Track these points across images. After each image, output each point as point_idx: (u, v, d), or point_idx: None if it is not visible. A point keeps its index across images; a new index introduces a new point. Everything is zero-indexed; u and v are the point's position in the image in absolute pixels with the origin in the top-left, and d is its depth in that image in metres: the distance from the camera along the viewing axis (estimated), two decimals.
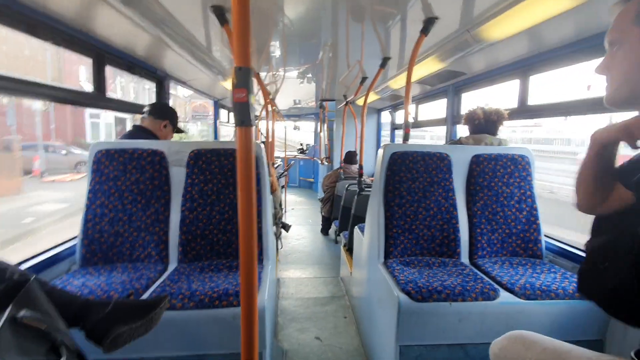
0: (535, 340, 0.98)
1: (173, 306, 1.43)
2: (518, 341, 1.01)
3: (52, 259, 1.72)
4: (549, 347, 0.94)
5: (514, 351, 0.99)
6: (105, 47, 2.05)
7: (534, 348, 0.96)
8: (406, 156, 2.00)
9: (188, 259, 1.87)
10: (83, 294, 1.44)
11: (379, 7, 1.82)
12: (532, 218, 1.97)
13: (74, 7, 1.59)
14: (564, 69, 1.98)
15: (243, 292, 0.83)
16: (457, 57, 2.22)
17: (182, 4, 1.75)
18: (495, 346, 1.07)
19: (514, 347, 1.00)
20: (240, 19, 0.71)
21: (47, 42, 1.63)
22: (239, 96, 0.71)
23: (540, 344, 0.96)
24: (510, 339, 1.03)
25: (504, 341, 1.05)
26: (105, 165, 1.85)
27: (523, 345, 0.99)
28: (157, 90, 2.86)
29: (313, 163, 9.28)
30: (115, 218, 1.84)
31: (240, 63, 0.71)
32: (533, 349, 0.96)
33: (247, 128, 0.75)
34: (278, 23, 2.12)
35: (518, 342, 1.01)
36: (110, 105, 2.27)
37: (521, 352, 0.97)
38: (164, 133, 2.19)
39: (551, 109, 2.04)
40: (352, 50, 2.81)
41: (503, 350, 1.03)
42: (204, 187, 1.90)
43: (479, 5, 1.69)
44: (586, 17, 1.55)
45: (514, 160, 2.01)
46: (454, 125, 3.14)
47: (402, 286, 1.61)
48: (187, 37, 2.21)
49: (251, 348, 0.86)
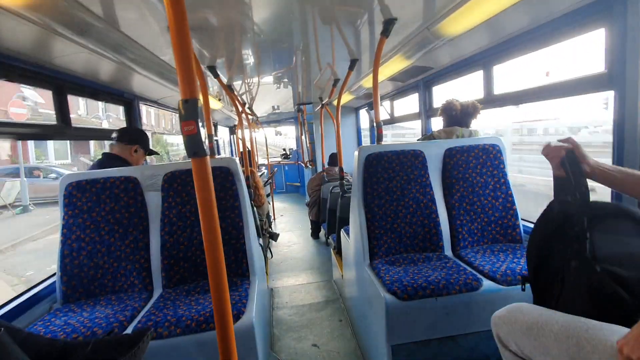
0: (533, 309, 1.07)
1: (159, 335, 1.41)
2: (517, 310, 1.10)
3: (31, 300, 1.67)
4: (545, 313, 1.02)
5: (513, 318, 1.09)
6: (65, 77, 2.00)
7: (531, 313, 1.05)
8: (381, 157, 2.03)
9: (173, 284, 1.84)
10: (66, 333, 1.41)
11: (343, 8, 1.84)
12: (508, 204, 2.02)
13: (26, 41, 1.55)
14: (525, 57, 2.04)
15: (217, 319, 0.82)
16: (421, 53, 2.25)
17: (138, 27, 1.73)
18: (496, 316, 1.15)
19: (513, 315, 1.09)
20: (181, 48, 0.70)
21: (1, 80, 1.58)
22: (188, 129, 0.71)
23: (537, 311, 1.05)
24: (509, 310, 1.13)
25: (504, 311, 1.14)
26: (77, 198, 1.81)
27: (521, 312, 1.08)
28: (127, 112, 2.81)
29: (298, 167, 9.27)
30: (93, 251, 1.80)
31: (186, 95, 0.71)
32: (530, 314, 1.04)
33: (202, 158, 0.75)
34: (248, 32, 2.11)
35: (517, 310, 1.10)
36: (77, 134, 2.22)
37: (519, 317, 1.06)
38: (135, 158, 2.14)
39: (515, 97, 2.09)
40: (322, 54, 2.83)
41: (502, 318, 1.12)
42: (181, 209, 1.88)
43: (436, 2, 1.72)
44: (540, 4, 1.60)
45: (486, 150, 2.05)
46: (428, 119, 3.19)
47: (387, 287, 1.62)
48: (151, 58, 2.17)
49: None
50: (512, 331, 1.07)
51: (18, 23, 1.35)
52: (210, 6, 1.63)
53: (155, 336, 1.41)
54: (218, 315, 0.82)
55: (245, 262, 1.90)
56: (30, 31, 1.45)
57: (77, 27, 1.44)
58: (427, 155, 2.07)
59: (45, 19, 1.32)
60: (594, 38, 1.61)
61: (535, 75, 2.07)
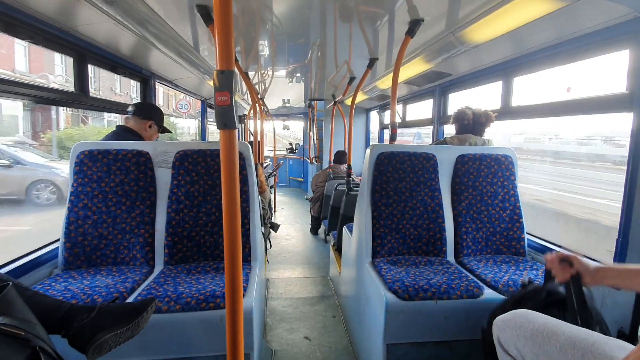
0: (538, 317, 1.07)
1: (159, 309, 1.42)
2: (522, 316, 1.11)
3: (32, 263, 1.68)
4: (551, 322, 1.03)
5: (518, 323, 1.09)
6: (87, 46, 2.00)
7: (536, 321, 1.05)
8: (393, 156, 2.02)
9: (174, 261, 1.85)
10: (65, 298, 1.41)
11: (365, 7, 1.84)
12: (515, 217, 2.02)
13: (54, 5, 1.56)
14: (546, 71, 2.04)
15: (228, 294, 0.83)
16: (442, 58, 2.25)
17: (166, 2, 1.73)
18: (500, 319, 1.16)
19: (518, 320, 1.10)
20: (223, 21, 0.70)
21: (26, 41, 1.58)
22: (221, 99, 0.71)
23: (543, 319, 1.05)
24: (515, 314, 1.13)
25: (509, 315, 1.14)
26: (88, 167, 1.82)
27: (527, 319, 1.08)
28: (142, 89, 2.82)
29: (303, 162, 9.27)
30: (99, 220, 1.80)
31: (223, 66, 0.71)
32: (536, 322, 1.05)
33: (231, 131, 0.75)
34: (266, 22, 2.11)
35: (522, 316, 1.10)
36: (93, 104, 2.22)
37: (524, 323, 1.07)
38: (149, 133, 2.15)
39: (533, 110, 2.09)
40: (340, 51, 2.82)
41: (506, 322, 1.13)
42: (190, 189, 1.89)
43: (463, 8, 1.72)
44: (566, 20, 1.60)
45: (498, 160, 2.05)
46: (440, 126, 3.18)
47: (389, 285, 1.62)
48: (173, 36, 2.18)
49: (236, 350, 0.86)
50: (515, 336, 1.07)
51: None
52: None
53: (155, 310, 1.41)
54: (230, 295, 0.82)
55: (248, 247, 1.90)
56: None
57: None
58: (439, 159, 2.06)
59: None
60: (617, 59, 1.61)
61: (552, 90, 2.06)
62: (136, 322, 1.12)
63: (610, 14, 1.45)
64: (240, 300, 0.83)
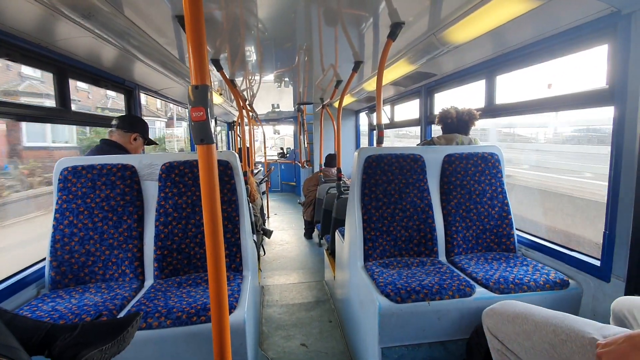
0: (520, 304, 1.20)
1: (149, 325, 1.40)
2: (506, 304, 1.23)
3: (17, 285, 1.64)
4: (530, 306, 1.16)
5: (502, 309, 1.21)
6: (67, 61, 1.97)
7: (517, 306, 1.18)
8: (381, 159, 2.03)
9: (165, 275, 1.83)
10: (53, 319, 1.38)
11: (349, 10, 1.84)
12: (504, 213, 2.04)
13: (31, 21, 1.53)
14: (527, 68, 2.06)
15: (214, 309, 0.81)
16: (426, 59, 2.27)
17: (146, 14, 1.71)
18: (488, 309, 1.29)
19: (503, 307, 1.22)
20: (195, 34, 0.70)
21: (1, 59, 1.55)
22: (197, 114, 0.70)
23: (523, 305, 1.18)
24: (501, 304, 1.26)
25: (496, 305, 1.27)
26: (72, 183, 1.79)
27: (510, 305, 1.21)
28: (127, 101, 2.78)
29: (294, 167, 9.26)
30: (85, 237, 1.77)
31: (197, 81, 0.70)
32: (517, 307, 1.18)
33: (208, 146, 0.74)
34: (252, 28, 2.10)
35: (506, 304, 1.23)
36: (75, 119, 2.19)
37: (508, 309, 1.19)
38: (134, 146, 2.12)
39: (516, 108, 2.11)
40: (326, 54, 2.83)
41: (493, 310, 1.25)
42: (177, 200, 1.86)
43: (443, 10, 1.74)
44: (545, 18, 1.62)
45: (484, 158, 2.07)
46: (428, 125, 3.20)
47: (381, 289, 1.62)
48: (155, 47, 2.15)
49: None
50: (500, 321, 1.19)
51: (24, 2, 1.34)
52: (216, 0, 1.62)
53: (145, 326, 1.39)
54: (215, 307, 0.81)
55: (239, 257, 1.89)
56: (35, 11, 1.43)
57: (83, 9, 1.42)
58: (427, 160, 2.07)
59: (52, 0, 1.30)
60: (597, 54, 1.64)
61: (536, 87, 2.09)
62: (121, 337, 1.11)
63: (588, 10, 1.48)
64: (226, 315, 0.82)
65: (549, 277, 1.65)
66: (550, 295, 1.61)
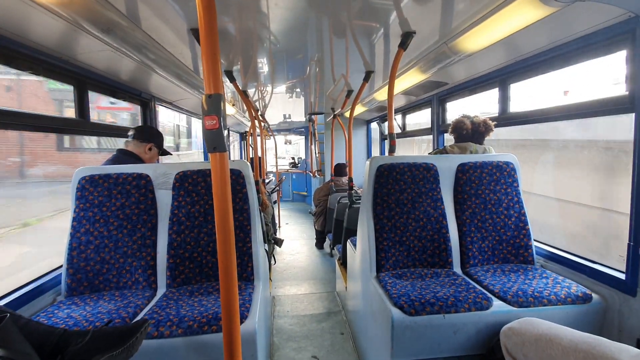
0: (542, 322, 1.13)
1: (161, 334, 1.39)
2: (527, 322, 1.17)
3: (34, 291, 1.67)
4: (554, 326, 1.09)
5: (523, 329, 1.15)
6: (86, 74, 2.04)
7: (540, 326, 1.11)
8: (393, 168, 2.01)
9: (177, 284, 1.83)
10: (68, 326, 1.40)
11: (359, 22, 1.86)
12: (521, 224, 1.98)
13: (53, 36, 1.60)
14: (542, 76, 2.03)
15: (224, 320, 0.81)
16: (437, 68, 2.26)
17: (161, 28, 1.77)
18: (507, 327, 1.24)
19: (523, 327, 1.16)
20: (209, 45, 0.71)
21: (26, 72, 1.62)
22: (210, 123, 0.71)
23: (546, 324, 1.11)
24: (520, 322, 1.20)
25: (515, 323, 1.21)
26: (89, 192, 1.83)
27: (531, 325, 1.14)
28: (143, 112, 2.86)
29: (305, 176, 9.28)
30: (101, 245, 1.80)
31: (210, 90, 0.71)
32: (539, 327, 1.10)
33: (221, 154, 0.75)
34: (264, 41, 2.14)
35: (527, 323, 1.17)
36: (94, 130, 2.25)
37: (529, 329, 1.12)
38: (149, 156, 2.17)
39: (531, 116, 2.07)
40: (337, 65, 2.86)
41: (513, 329, 1.19)
42: (191, 209, 1.88)
43: (455, 19, 1.73)
44: (559, 24, 1.60)
45: (499, 167, 2.02)
46: (440, 135, 3.17)
47: (394, 300, 1.58)
48: (171, 60, 2.22)
49: None
50: (521, 342, 1.11)
51: (48, 18, 1.40)
52: (229, 13, 1.67)
53: (156, 335, 1.39)
54: (226, 316, 0.80)
55: (251, 266, 1.88)
56: (58, 26, 1.50)
57: (103, 24, 1.48)
58: (440, 169, 2.04)
59: (74, 15, 1.36)
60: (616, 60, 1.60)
61: (552, 94, 2.05)
62: (131, 343, 1.13)
63: (604, 16, 1.45)
64: (237, 325, 0.81)
65: (571, 291, 1.58)
66: (572, 310, 1.54)
